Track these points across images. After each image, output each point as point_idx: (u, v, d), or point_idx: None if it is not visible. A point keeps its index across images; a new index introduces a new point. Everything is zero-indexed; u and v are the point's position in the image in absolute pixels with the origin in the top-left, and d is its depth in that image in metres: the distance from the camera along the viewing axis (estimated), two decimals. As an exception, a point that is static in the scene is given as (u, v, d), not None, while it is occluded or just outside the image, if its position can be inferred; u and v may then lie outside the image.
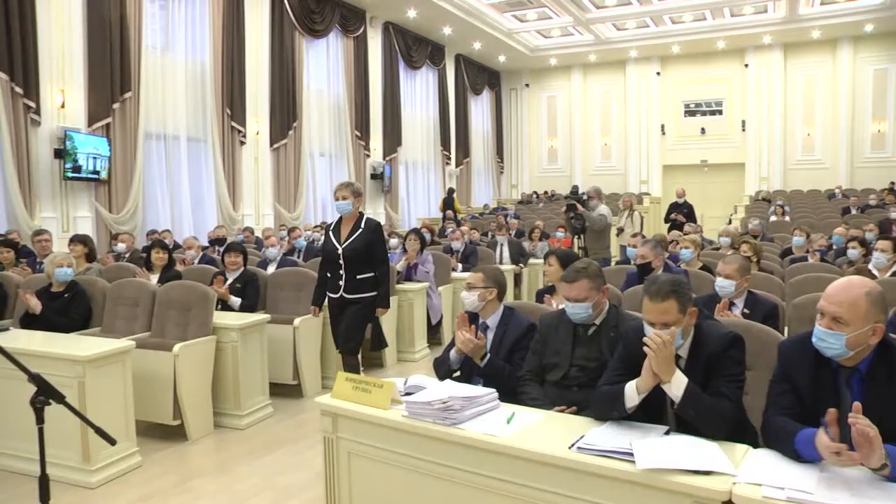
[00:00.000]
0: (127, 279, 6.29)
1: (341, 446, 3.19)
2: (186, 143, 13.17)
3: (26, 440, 4.44)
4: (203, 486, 4.48)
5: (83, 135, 11.05)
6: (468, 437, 2.74)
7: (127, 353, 4.70)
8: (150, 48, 12.37)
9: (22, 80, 10.12)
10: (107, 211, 11.55)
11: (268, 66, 14.87)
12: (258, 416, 5.63)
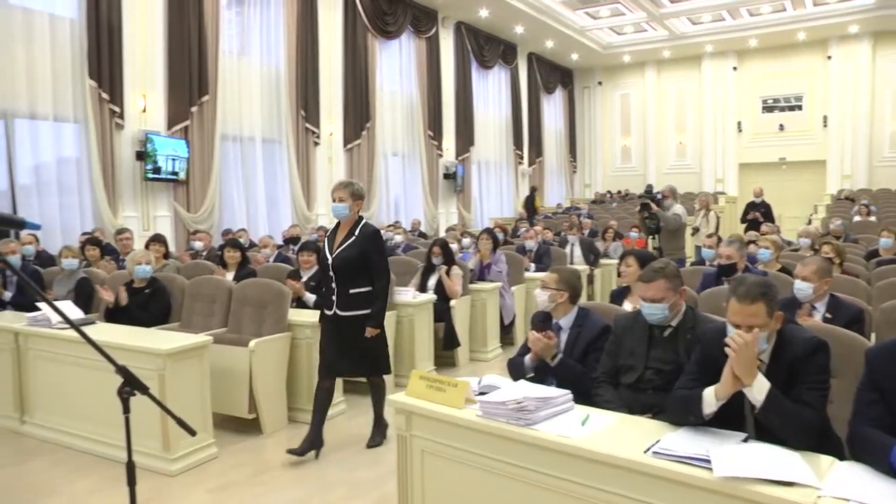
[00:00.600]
0: (204, 276, 6.47)
1: (415, 444, 3.19)
2: (261, 145, 13.47)
3: (113, 428, 4.61)
4: (277, 478, 4.55)
5: (163, 137, 11.41)
6: (542, 438, 2.70)
7: (205, 348, 4.83)
8: (227, 53, 12.69)
9: (108, 86, 10.57)
10: (185, 210, 11.89)
11: (341, 67, 15.06)
12: (332, 412, 5.63)
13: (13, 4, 9.95)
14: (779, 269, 6.06)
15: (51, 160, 10.42)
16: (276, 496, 4.28)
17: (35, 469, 4.82)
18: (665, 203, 9.50)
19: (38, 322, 5.34)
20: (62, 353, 5.14)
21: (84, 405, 5.04)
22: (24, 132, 10.21)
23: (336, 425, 5.52)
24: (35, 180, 10.32)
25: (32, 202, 10.12)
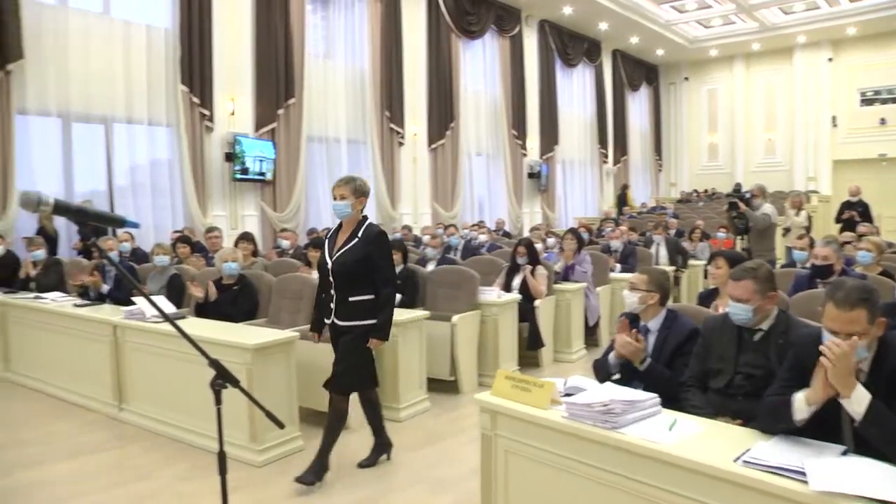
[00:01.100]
0: (291, 274, 6.63)
1: (499, 444, 3.18)
2: (346, 145, 13.69)
3: (203, 418, 4.86)
4: (359, 473, 4.62)
5: (251, 139, 11.74)
6: (628, 441, 2.66)
7: (291, 344, 4.96)
8: (312, 56, 12.97)
9: (199, 91, 10.99)
10: (271, 210, 12.19)
11: (425, 68, 15.16)
12: (416, 410, 5.74)
13: (115, 18, 10.56)
14: (880, 273, 5.77)
15: (145, 162, 10.95)
16: (358, 490, 4.34)
17: (131, 454, 5.05)
18: (754, 202, 9.20)
19: (133, 315, 5.59)
20: (156, 345, 5.36)
21: (176, 395, 5.25)
22: (121, 136, 10.77)
23: (417, 423, 5.58)
24: (130, 181, 10.86)
25: (128, 202, 10.60)
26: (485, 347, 6.62)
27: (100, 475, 4.66)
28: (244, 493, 4.22)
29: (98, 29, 10.40)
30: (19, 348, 7.07)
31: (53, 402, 6.33)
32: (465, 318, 6.35)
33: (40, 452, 5.04)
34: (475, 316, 6.54)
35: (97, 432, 5.51)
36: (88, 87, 10.26)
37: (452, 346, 6.27)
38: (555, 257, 8.57)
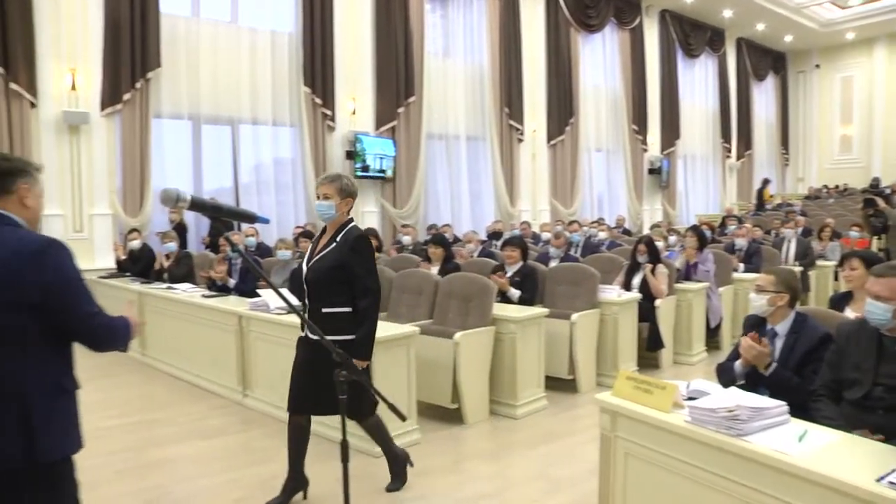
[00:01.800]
0: (411, 269, 6.76)
1: (618, 445, 3.14)
2: (466, 143, 13.79)
3: None
4: (477, 468, 4.66)
5: (371, 137, 12.02)
6: (755, 451, 2.54)
7: (412, 338, 5.04)
8: (432, 55, 13.16)
9: (321, 92, 11.42)
10: (391, 206, 12.43)
11: (544, 63, 15.09)
12: (533, 408, 5.73)
13: (241, 25, 11.20)
14: None
15: (269, 161, 11.50)
16: (475, 485, 4.36)
17: (255, 437, 5.29)
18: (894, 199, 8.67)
19: (258, 307, 5.85)
20: (278, 335, 5.57)
21: (298, 385, 5.43)
22: (247, 136, 11.40)
23: (535, 421, 5.55)
24: (255, 179, 11.46)
25: (252, 199, 11.15)
26: (604, 347, 6.54)
27: (226, 456, 4.91)
28: (362, 482, 4.34)
29: (226, 37, 11.07)
30: (155, 335, 7.53)
31: (184, 386, 6.72)
32: (584, 316, 6.29)
33: (172, 433, 5.37)
34: (595, 314, 6.46)
35: (224, 416, 5.81)
36: (217, 91, 10.92)
37: (571, 345, 6.22)
38: (676, 256, 8.35)
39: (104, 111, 9.83)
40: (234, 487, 4.33)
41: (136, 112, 10.02)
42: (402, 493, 4.21)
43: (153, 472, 4.47)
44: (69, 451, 2.29)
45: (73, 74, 9.58)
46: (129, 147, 10.04)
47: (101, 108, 9.82)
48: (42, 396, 2.22)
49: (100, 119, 9.83)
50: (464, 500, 4.15)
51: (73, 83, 9.56)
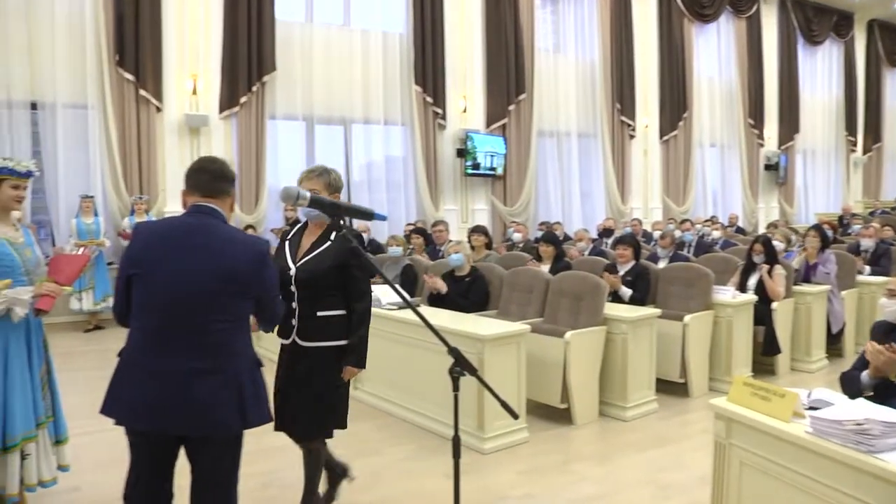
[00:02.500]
0: (522, 267, 6.71)
1: (733, 454, 3.01)
2: (577, 139, 13.64)
3: (431, 402, 5.15)
4: (585, 470, 4.58)
5: (482, 135, 12.06)
6: (888, 469, 2.34)
7: (522, 336, 5.00)
8: (542, 51, 13.10)
9: (432, 91, 11.61)
10: (501, 204, 12.43)
11: (656, 57, 14.76)
12: (643, 410, 5.59)
13: (353, 28, 11.52)
14: None
15: (380, 159, 11.78)
16: (583, 487, 4.29)
17: (362, 430, 5.30)
18: None
19: (370, 302, 5.91)
20: (389, 330, 5.63)
21: (406, 379, 5.52)
22: (359, 136, 11.73)
23: (645, 424, 5.42)
24: (367, 177, 11.78)
25: (364, 196, 11.42)
26: (717, 350, 6.29)
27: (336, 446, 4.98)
28: (470, 478, 4.33)
29: (339, 39, 11.42)
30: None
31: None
32: (697, 318, 6.08)
33: None
34: (708, 316, 6.24)
35: (333, 408, 5.92)
36: (330, 92, 11.29)
37: (683, 347, 6.02)
38: (794, 256, 7.95)
39: (222, 114, 10.39)
40: (345, 477, 4.40)
41: (253, 114, 10.50)
42: (511, 491, 4.19)
43: (268, 457, 4.59)
44: (266, 419, 2.66)
45: (195, 80, 10.22)
46: (246, 147, 10.53)
47: (219, 111, 10.41)
48: (249, 372, 2.58)
49: (218, 121, 10.40)
50: (571, 501, 4.09)
51: (194, 88, 10.21)
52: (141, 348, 2.47)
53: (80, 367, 6.91)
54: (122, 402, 2.47)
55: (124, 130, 9.75)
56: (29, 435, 3.38)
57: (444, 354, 2.58)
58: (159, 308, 2.44)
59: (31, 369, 3.45)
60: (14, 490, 3.38)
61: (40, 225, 9.50)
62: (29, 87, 9.37)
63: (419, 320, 2.65)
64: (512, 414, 2.62)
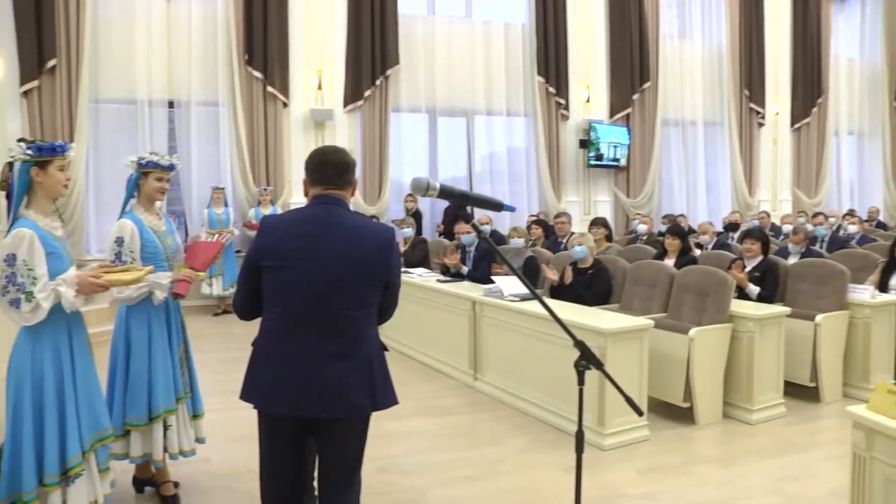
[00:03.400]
0: (646, 261, 6.57)
1: (875, 469, 2.76)
2: (703, 128, 13.22)
3: (551, 395, 5.14)
4: (707, 472, 4.43)
5: (605, 125, 11.90)
6: None
7: (645, 331, 4.91)
8: (668, 37, 12.78)
9: (555, 81, 11.51)
10: (624, 196, 12.22)
11: (789, 40, 14.03)
12: (769, 414, 5.34)
13: (475, 19, 11.61)
14: None
15: (502, 151, 11.81)
16: (704, 490, 4.15)
17: (482, 420, 5.41)
18: None
19: (492, 293, 5.96)
20: (510, 322, 5.68)
21: (525, 371, 5.51)
22: (481, 127, 11.78)
23: (771, 429, 5.18)
24: (488, 168, 11.82)
25: (486, 188, 11.48)
26: (853, 353, 5.91)
27: (455, 435, 5.08)
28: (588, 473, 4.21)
29: (460, 31, 11.53)
30: (393, 317, 7.90)
31: (418, 366, 7.02)
32: (830, 318, 5.74)
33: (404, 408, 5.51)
34: (843, 317, 5.87)
35: (454, 397, 6.00)
36: (452, 84, 11.42)
37: (815, 349, 5.69)
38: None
39: (346, 108, 10.74)
40: (462, 466, 4.45)
41: (376, 107, 10.77)
42: (629, 489, 4.12)
43: (387, 443, 4.70)
44: (393, 401, 2.72)
45: (320, 76, 10.63)
46: (369, 140, 10.83)
47: (343, 105, 10.78)
48: (377, 356, 2.66)
49: (342, 115, 10.77)
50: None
51: (319, 83, 10.61)
52: (275, 336, 2.56)
53: (209, 348, 7.35)
54: (259, 387, 2.58)
55: (252, 125, 10.27)
56: (170, 408, 3.62)
57: (566, 347, 2.56)
58: (293, 297, 2.52)
59: (171, 348, 3.69)
60: (159, 456, 3.64)
61: (175, 215, 10.09)
62: (166, 87, 10.09)
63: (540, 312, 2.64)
64: (637, 411, 2.57)
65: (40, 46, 9.22)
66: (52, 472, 2.88)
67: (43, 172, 2.96)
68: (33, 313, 2.81)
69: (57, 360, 2.96)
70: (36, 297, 2.80)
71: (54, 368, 2.94)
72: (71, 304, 2.87)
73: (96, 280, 2.95)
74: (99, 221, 9.98)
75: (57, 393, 2.94)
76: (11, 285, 2.78)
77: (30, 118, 9.29)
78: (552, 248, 8.09)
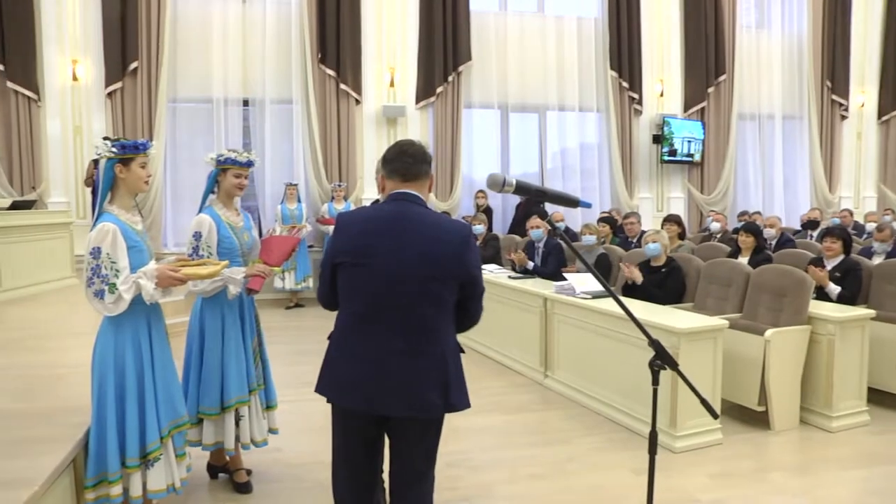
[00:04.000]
0: (720, 259, 6.41)
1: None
2: (781, 122, 12.81)
3: (623, 394, 5.07)
4: (782, 480, 4.27)
5: (679, 120, 11.68)
6: None
7: (719, 332, 4.78)
8: (745, 28, 12.45)
9: (628, 75, 11.41)
10: (698, 192, 11.99)
11: (879, 25, 13.42)
12: (851, 422, 5.12)
13: (547, 14, 11.58)
14: None
15: (574, 146, 11.72)
16: (779, 499, 4.00)
17: (552, 418, 5.37)
18: None
19: (564, 290, 5.90)
20: (582, 319, 5.62)
21: (597, 369, 5.45)
22: (553, 123, 11.71)
23: (852, 438, 4.97)
24: (560, 164, 11.77)
25: (557, 184, 11.46)
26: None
27: (525, 433, 5.06)
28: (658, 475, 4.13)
29: (532, 27, 11.49)
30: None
31: (488, 362, 7.03)
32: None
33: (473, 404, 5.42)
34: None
35: (524, 394, 5.98)
36: (524, 79, 11.41)
37: (903, 355, 5.46)
38: None
39: (419, 104, 10.84)
40: (531, 463, 4.43)
41: (448, 103, 10.83)
42: (701, 494, 4.02)
43: (457, 438, 4.72)
44: (466, 404, 2.65)
45: (392, 72, 10.77)
46: (441, 136, 10.89)
47: (415, 102, 10.90)
48: (452, 356, 2.61)
49: (414, 111, 10.88)
50: (766, 512, 3.85)
51: (391, 80, 10.76)
52: (350, 331, 2.58)
53: (281, 341, 7.50)
54: (334, 381, 2.60)
55: (325, 122, 10.47)
56: (242, 399, 3.72)
57: (639, 346, 2.52)
58: (368, 293, 2.53)
59: (245, 341, 3.79)
60: (230, 446, 3.76)
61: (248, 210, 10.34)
62: (241, 86, 10.44)
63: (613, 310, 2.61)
64: (712, 413, 2.52)
65: (124, 50, 9.75)
66: (132, 456, 3.01)
67: (126, 169, 3.07)
68: (116, 304, 2.92)
69: (137, 350, 3.08)
70: (118, 288, 2.91)
71: (135, 357, 3.06)
72: (150, 296, 2.98)
73: (174, 273, 3.05)
74: (176, 216, 10.38)
75: (137, 381, 3.06)
76: (96, 277, 2.90)
77: (113, 118, 9.81)
78: (622, 246, 7.99)
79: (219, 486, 4.02)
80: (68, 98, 9.86)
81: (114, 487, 3.00)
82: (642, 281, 6.06)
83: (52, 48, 9.75)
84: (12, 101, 9.55)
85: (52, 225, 8.27)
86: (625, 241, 8.29)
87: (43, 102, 9.77)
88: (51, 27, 9.72)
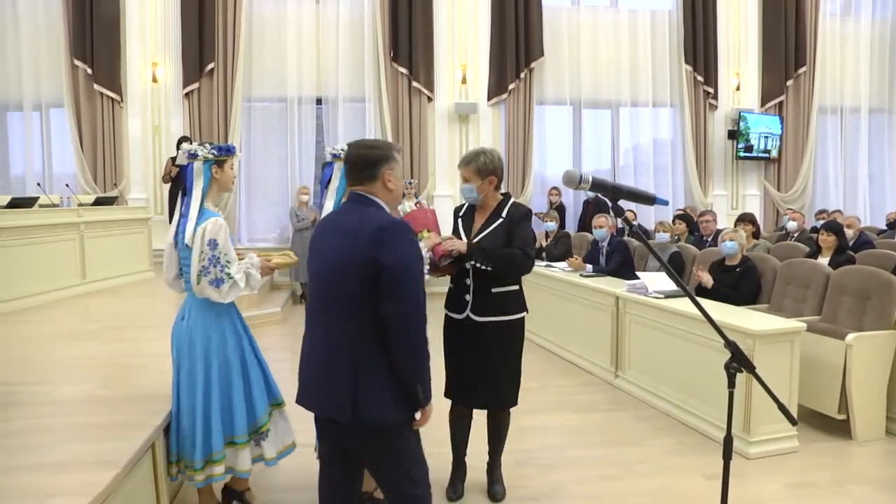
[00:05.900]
0: (798, 259, 6.20)
1: None
2: (867, 116, 12.27)
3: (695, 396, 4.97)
4: (865, 494, 4.06)
5: (755, 115, 11.41)
6: None
7: (797, 335, 4.62)
8: (829, 15, 11.98)
9: (703, 69, 11.13)
10: (775, 189, 11.68)
11: None
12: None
13: (621, 8, 11.43)
14: None
15: (648, 142, 11.54)
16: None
17: (623, 418, 5.28)
18: None
19: (636, 289, 5.81)
20: (654, 319, 5.52)
21: (669, 370, 5.34)
22: (625, 119, 11.57)
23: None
24: (632, 161, 11.62)
25: (629, 180, 11.33)
26: None
27: (594, 433, 5.01)
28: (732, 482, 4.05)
29: (605, 21, 11.37)
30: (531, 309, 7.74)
31: (556, 360, 6.98)
32: None
33: (542, 402, 5.59)
34: None
35: (594, 394, 5.91)
36: (597, 75, 11.32)
37: None
38: None
39: (490, 101, 10.85)
40: (600, 464, 4.38)
41: (521, 100, 10.82)
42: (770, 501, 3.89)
43: (525, 437, 4.70)
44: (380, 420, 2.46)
45: (464, 70, 10.82)
46: (513, 133, 10.89)
47: (487, 99, 10.91)
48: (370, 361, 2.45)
49: (486, 108, 10.88)
50: (847, 526, 3.69)
51: (463, 77, 10.80)
52: (305, 333, 2.69)
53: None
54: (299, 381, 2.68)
55: (398, 120, 10.59)
56: None
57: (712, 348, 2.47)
58: (310, 297, 2.68)
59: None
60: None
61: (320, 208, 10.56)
62: (315, 85, 10.64)
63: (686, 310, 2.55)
64: (790, 419, 2.45)
65: (201, 52, 10.08)
66: (241, 433, 3.34)
67: (220, 170, 3.34)
68: (231, 291, 3.23)
69: (237, 336, 3.37)
70: (234, 276, 3.21)
71: (237, 343, 3.36)
72: (256, 284, 3.35)
73: (268, 263, 3.43)
74: (249, 213, 10.63)
75: (241, 364, 3.36)
76: (213, 267, 3.17)
77: (189, 117, 10.15)
78: (697, 244, 7.82)
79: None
80: (148, 99, 10.28)
81: (217, 467, 3.28)
82: (715, 280, 5.94)
83: (134, 51, 10.16)
84: (98, 102, 10.02)
85: (132, 220, 8.63)
86: (699, 240, 8.11)
87: (125, 103, 10.21)
88: (134, 31, 10.14)
